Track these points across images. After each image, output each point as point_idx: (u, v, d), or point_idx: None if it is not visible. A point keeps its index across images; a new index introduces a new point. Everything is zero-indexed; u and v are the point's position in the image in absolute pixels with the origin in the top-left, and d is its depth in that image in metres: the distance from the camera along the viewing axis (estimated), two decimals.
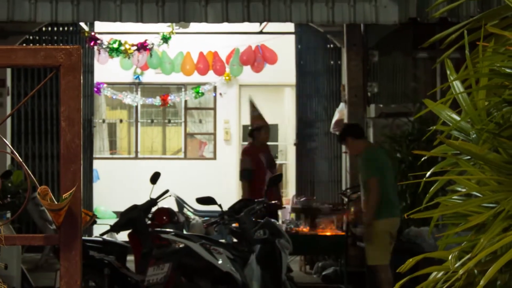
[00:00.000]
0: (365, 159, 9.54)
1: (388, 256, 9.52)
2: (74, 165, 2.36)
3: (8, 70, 12.44)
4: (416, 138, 11.10)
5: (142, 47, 15.22)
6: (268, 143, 15.88)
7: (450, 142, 3.10)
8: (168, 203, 10.67)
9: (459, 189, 3.07)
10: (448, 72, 3.24)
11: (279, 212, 12.32)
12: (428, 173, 3.19)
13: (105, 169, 16.62)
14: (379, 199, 9.21)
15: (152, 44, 15.22)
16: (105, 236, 9.55)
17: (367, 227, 9.48)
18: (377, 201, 9.20)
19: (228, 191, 15.06)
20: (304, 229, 10.92)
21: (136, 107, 17.54)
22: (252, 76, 16.23)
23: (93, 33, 13.91)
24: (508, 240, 2.75)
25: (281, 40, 14.84)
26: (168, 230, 9.04)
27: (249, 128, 10.08)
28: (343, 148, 12.86)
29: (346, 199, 11.17)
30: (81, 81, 2.37)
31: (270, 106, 17.05)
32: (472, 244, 2.90)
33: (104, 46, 14.85)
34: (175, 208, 11.33)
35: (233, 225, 9.02)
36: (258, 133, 11.70)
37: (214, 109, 17.44)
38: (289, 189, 16.58)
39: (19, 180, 10.30)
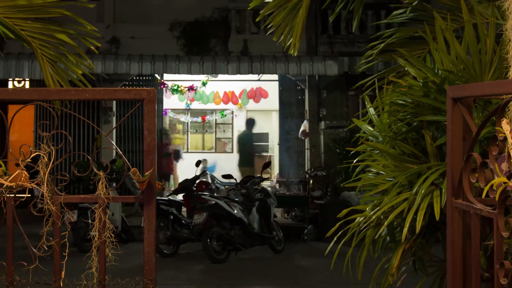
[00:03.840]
0: None
1: None
2: (151, 156, 2.36)
3: (114, 101, 12.44)
4: (348, 140, 11.08)
5: (190, 88, 15.19)
6: (264, 143, 15.82)
7: (367, 143, 3.10)
8: (206, 178, 10.65)
9: (373, 169, 3.07)
10: (366, 103, 3.24)
11: (269, 182, 12.28)
12: (355, 161, 3.20)
13: None
14: None
15: (196, 86, 15.20)
16: (169, 197, 9.55)
17: None
18: None
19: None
20: (284, 192, 10.89)
21: (187, 123, 17.48)
22: (254, 105, 16.15)
23: (162, 80, 13.88)
24: (400, 199, 2.75)
25: (270, 84, 14.80)
26: (205, 193, 9.03)
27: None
28: (306, 145, 12.84)
29: (307, 176, 11.14)
30: (156, 107, 2.37)
31: (264, 122, 16.99)
32: (380, 201, 2.90)
33: (169, 88, 14.83)
34: (209, 180, 11.29)
35: (243, 190, 9.01)
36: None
37: (232, 124, 17.37)
38: (275, 170, 16.50)
39: (120, 164, 10.26)
